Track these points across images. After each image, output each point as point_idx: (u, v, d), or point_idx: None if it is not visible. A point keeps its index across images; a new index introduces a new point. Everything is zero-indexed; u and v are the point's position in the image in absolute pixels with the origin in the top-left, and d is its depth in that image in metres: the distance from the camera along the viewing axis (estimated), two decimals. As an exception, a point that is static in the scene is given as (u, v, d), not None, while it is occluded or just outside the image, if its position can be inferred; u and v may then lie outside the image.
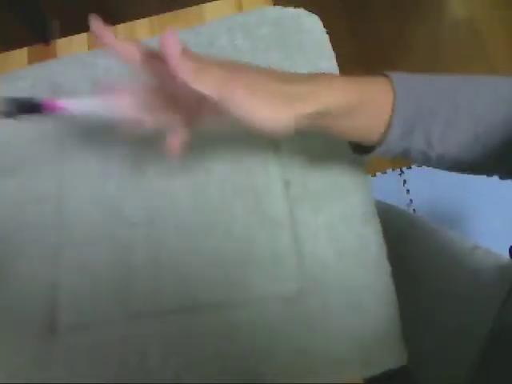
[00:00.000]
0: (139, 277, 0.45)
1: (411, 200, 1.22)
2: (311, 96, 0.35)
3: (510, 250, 0.69)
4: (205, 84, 0.33)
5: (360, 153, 0.41)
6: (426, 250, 0.59)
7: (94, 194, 0.49)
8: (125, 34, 0.59)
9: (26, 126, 0.53)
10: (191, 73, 0.34)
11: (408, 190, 1.23)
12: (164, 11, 0.59)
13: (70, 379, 0.43)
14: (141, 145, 0.51)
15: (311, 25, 0.53)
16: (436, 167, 0.41)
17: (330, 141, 0.47)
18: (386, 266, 0.44)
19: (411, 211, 1.20)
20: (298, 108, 0.34)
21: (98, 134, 0.52)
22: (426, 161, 0.40)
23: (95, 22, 0.37)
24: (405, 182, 1.24)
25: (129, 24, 0.59)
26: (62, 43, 0.60)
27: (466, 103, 0.37)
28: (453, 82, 0.39)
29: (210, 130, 0.41)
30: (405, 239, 0.60)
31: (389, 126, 0.36)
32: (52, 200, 0.49)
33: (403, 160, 1.25)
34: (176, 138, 0.38)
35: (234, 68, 0.36)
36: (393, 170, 1.25)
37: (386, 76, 0.38)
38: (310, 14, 0.54)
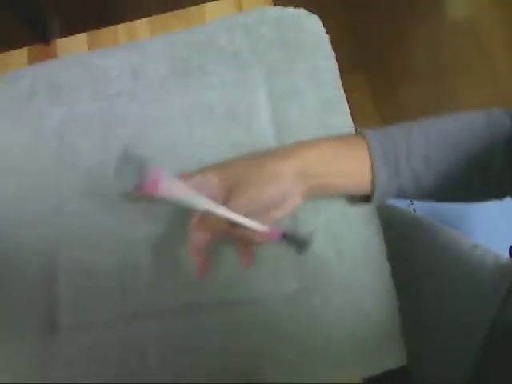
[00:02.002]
0: (139, 277, 0.45)
1: (411, 200, 1.22)
2: (289, 158, 0.39)
3: (509, 249, 0.69)
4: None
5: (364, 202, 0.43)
6: (426, 249, 0.59)
7: (94, 193, 0.49)
8: (125, 33, 0.59)
9: (27, 125, 0.53)
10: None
11: (408, 190, 1.23)
12: (164, 11, 0.59)
13: (70, 379, 0.43)
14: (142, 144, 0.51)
15: (311, 25, 0.53)
16: (435, 201, 0.44)
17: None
18: (386, 266, 0.44)
19: (411, 211, 1.20)
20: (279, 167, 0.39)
21: (99, 133, 0.52)
22: (424, 197, 0.42)
23: None
24: (405, 181, 1.23)
25: (129, 24, 0.59)
26: (62, 43, 0.60)
27: (440, 134, 0.40)
28: (425, 121, 0.41)
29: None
30: (405, 239, 0.60)
31: (373, 171, 0.39)
32: (52, 199, 0.50)
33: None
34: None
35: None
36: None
37: (357, 133, 0.42)
38: (310, 14, 0.54)
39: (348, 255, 0.44)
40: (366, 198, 0.42)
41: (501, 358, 0.45)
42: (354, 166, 0.40)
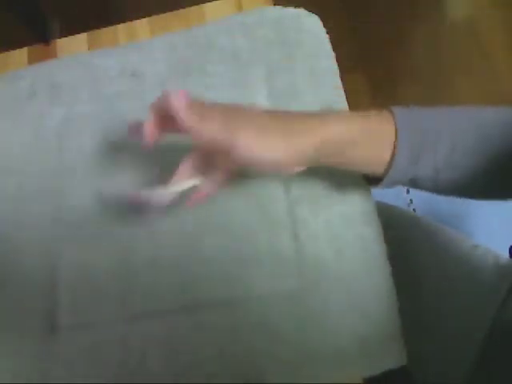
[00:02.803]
0: (139, 276, 0.45)
1: (411, 200, 1.22)
2: (309, 132, 0.36)
3: (509, 249, 0.69)
4: (208, 131, 0.36)
5: (372, 184, 0.42)
6: (426, 249, 0.59)
7: (94, 193, 0.49)
8: (125, 33, 0.59)
9: (27, 125, 0.53)
10: (195, 123, 0.36)
11: (408, 190, 1.23)
12: (164, 11, 0.59)
13: (70, 379, 0.43)
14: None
15: (311, 25, 0.53)
16: (444, 194, 0.42)
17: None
18: (386, 266, 0.44)
19: (411, 211, 1.20)
20: (297, 144, 0.36)
21: (98, 134, 0.52)
22: (434, 188, 0.40)
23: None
24: (405, 181, 1.24)
25: (129, 24, 0.59)
26: (62, 43, 0.60)
27: (470, 127, 0.38)
28: (454, 110, 0.39)
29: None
30: (405, 239, 0.60)
31: (394, 153, 0.37)
32: (52, 200, 0.50)
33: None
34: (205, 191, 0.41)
35: (236, 111, 0.38)
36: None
37: (386, 109, 0.39)
38: (310, 14, 0.54)
39: (348, 255, 0.44)
40: (373, 179, 0.41)
41: (501, 358, 0.45)
42: (376, 147, 0.38)
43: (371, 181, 0.42)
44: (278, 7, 0.55)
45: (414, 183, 0.40)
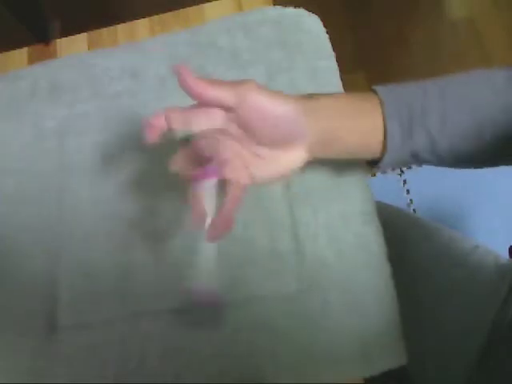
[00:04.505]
0: (139, 276, 0.45)
1: (411, 200, 1.22)
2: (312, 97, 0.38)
3: (509, 249, 0.69)
4: (220, 90, 0.37)
5: (373, 166, 0.41)
6: (426, 249, 0.59)
7: (94, 193, 0.49)
8: (125, 33, 0.59)
9: (27, 125, 0.53)
10: (205, 85, 0.38)
11: (408, 190, 1.23)
12: (164, 11, 0.59)
13: (69, 379, 0.43)
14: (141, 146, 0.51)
15: (311, 25, 0.53)
16: (449, 165, 0.42)
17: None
18: (386, 266, 0.44)
19: (411, 211, 1.20)
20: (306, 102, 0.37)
21: (98, 134, 0.52)
22: (438, 160, 0.40)
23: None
24: (405, 181, 1.24)
25: (129, 24, 0.60)
26: (62, 43, 0.60)
27: (458, 96, 0.38)
28: (440, 81, 0.39)
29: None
30: (405, 239, 0.60)
31: (385, 131, 0.37)
32: (52, 200, 0.50)
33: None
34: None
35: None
36: (393, 169, 1.25)
37: (371, 90, 0.39)
38: (310, 14, 0.54)
39: (347, 255, 0.44)
40: (375, 163, 0.41)
41: (501, 358, 0.45)
42: (366, 124, 0.38)
43: (374, 166, 0.41)
44: (278, 7, 0.55)
45: (416, 158, 0.39)
